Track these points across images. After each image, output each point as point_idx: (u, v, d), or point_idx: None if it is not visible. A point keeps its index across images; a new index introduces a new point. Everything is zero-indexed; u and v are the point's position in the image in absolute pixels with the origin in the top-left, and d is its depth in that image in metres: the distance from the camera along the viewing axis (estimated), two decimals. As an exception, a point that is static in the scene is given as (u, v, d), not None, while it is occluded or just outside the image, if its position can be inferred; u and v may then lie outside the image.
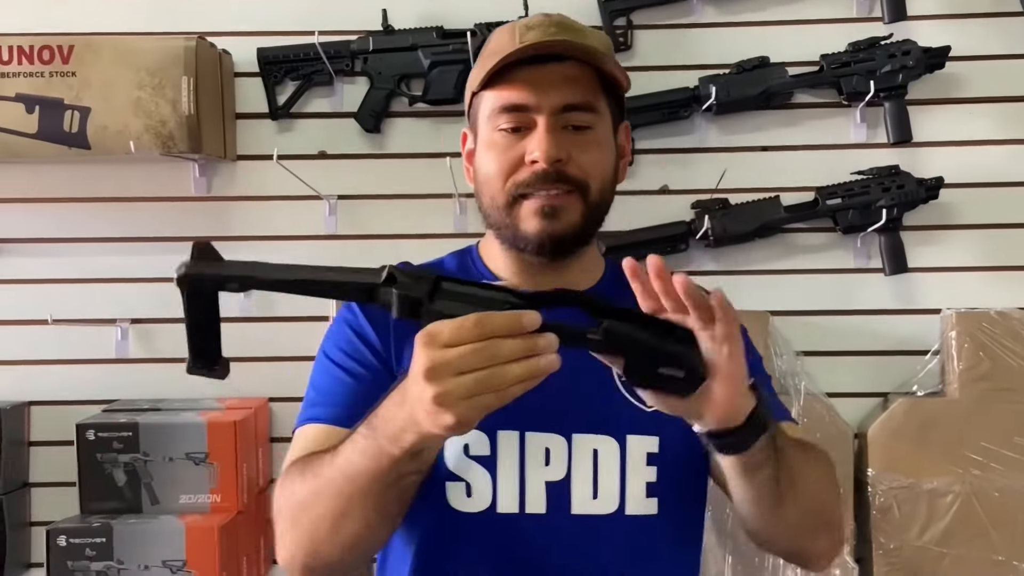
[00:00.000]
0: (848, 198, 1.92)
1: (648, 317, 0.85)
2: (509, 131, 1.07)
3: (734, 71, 1.94)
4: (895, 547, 1.83)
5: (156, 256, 2.01)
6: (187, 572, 1.69)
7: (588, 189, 1.06)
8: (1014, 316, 1.86)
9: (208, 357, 0.87)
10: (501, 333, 0.78)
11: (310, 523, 0.95)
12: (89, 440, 1.77)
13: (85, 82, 1.79)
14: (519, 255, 1.10)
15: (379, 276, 0.83)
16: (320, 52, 1.95)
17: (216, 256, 0.84)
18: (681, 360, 0.84)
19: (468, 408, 0.79)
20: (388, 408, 0.87)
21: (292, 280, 0.85)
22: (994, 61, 1.95)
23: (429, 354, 0.79)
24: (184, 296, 0.84)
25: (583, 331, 0.83)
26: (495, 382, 0.78)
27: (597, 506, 1.04)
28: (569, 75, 1.06)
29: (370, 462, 0.89)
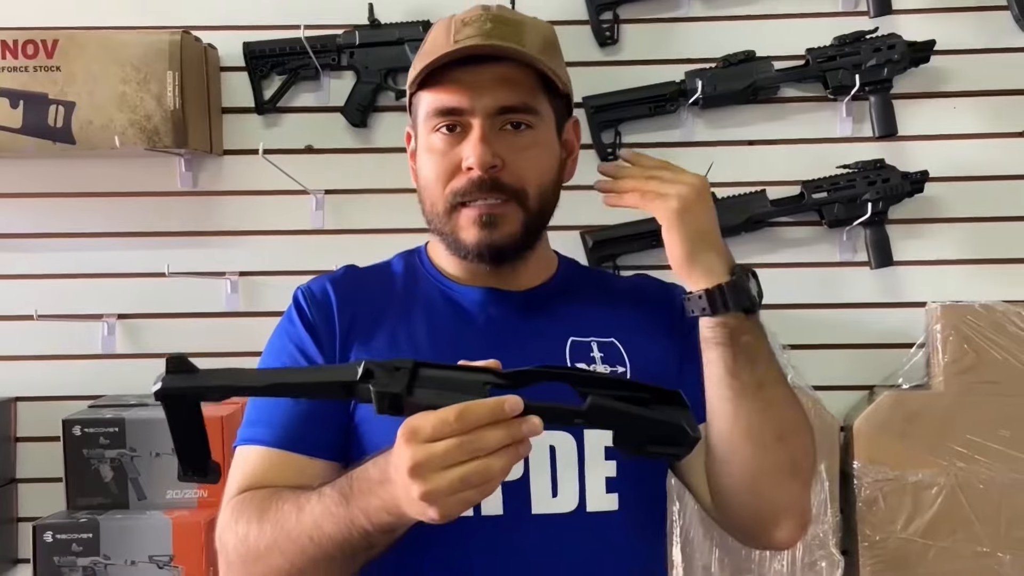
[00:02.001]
0: (834, 192, 1.93)
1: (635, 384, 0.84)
2: (445, 132, 1.05)
3: (720, 65, 1.94)
4: (880, 539, 1.84)
5: (142, 251, 2.01)
6: (174, 567, 1.68)
7: (525, 196, 1.05)
8: (998, 309, 1.87)
9: (198, 462, 0.88)
10: (484, 423, 0.78)
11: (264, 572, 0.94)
12: (75, 436, 1.77)
13: (70, 77, 1.78)
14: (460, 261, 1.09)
15: (355, 372, 0.83)
16: (306, 46, 1.94)
17: (190, 367, 0.85)
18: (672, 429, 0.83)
19: (453, 503, 0.79)
20: (365, 482, 0.87)
21: (270, 385, 0.86)
22: (979, 55, 1.96)
23: (414, 451, 0.79)
24: (164, 408, 0.86)
25: (568, 411, 0.82)
26: (478, 478, 0.78)
27: (557, 504, 1.03)
28: (505, 76, 1.04)
29: (340, 532, 0.88)
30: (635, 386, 0.84)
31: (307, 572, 0.93)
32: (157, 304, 2.01)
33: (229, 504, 1.01)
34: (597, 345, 1.09)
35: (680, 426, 0.83)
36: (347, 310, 1.09)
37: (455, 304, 1.10)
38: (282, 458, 1.01)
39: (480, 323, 1.09)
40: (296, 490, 0.95)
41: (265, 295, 2.00)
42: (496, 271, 1.09)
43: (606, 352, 1.09)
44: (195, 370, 0.86)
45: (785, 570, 1.84)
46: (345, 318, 1.08)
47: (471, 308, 1.10)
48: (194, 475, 0.88)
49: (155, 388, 0.85)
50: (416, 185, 1.12)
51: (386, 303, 1.11)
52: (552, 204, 1.10)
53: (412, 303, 1.11)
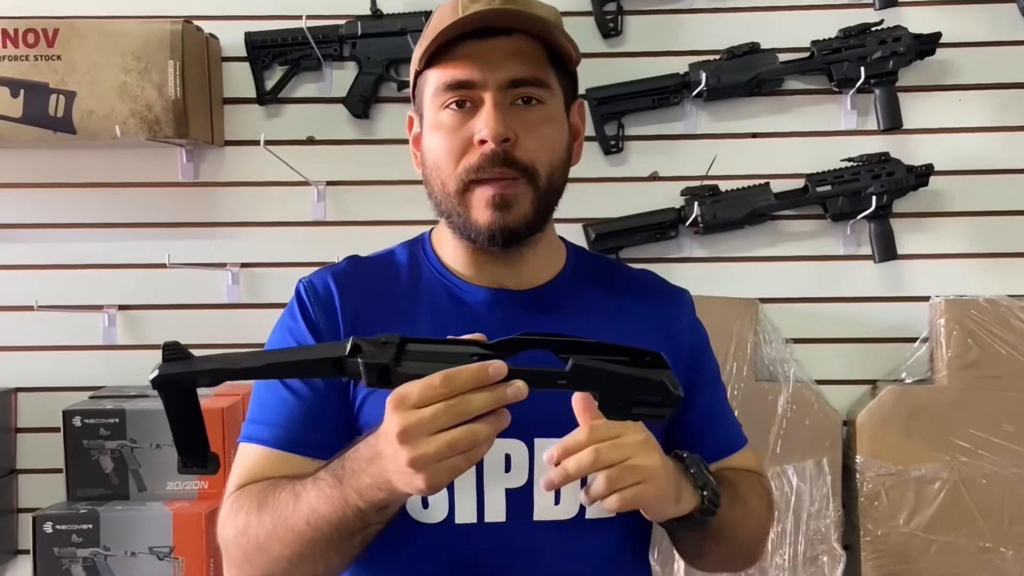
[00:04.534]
0: (838, 185, 1.92)
1: (617, 347, 0.85)
2: (455, 108, 1.02)
3: (724, 57, 1.93)
4: (883, 534, 1.84)
5: (144, 242, 2.00)
6: (174, 559, 1.68)
7: (536, 175, 1.03)
8: (1003, 303, 1.86)
9: (197, 453, 0.89)
10: (469, 387, 0.79)
11: (266, 563, 0.95)
12: (76, 427, 1.76)
13: (70, 66, 1.78)
14: (470, 244, 1.07)
15: (344, 348, 0.84)
16: (308, 37, 1.93)
17: (185, 353, 0.86)
18: (655, 387, 0.84)
19: (441, 471, 0.80)
20: (356, 461, 0.87)
21: (262, 366, 0.87)
22: (984, 48, 1.95)
23: (401, 417, 0.79)
24: (162, 397, 0.86)
25: (552, 373, 0.83)
26: (465, 443, 0.79)
27: (558, 512, 1.02)
28: (516, 49, 1.02)
29: (336, 513, 0.89)
30: (617, 349, 0.85)
31: (306, 558, 0.92)
32: (158, 295, 2.01)
33: (228, 499, 1.01)
34: None
35: (662, 383, 0.84)
36: (350, 309, 1.07)
37: (461, 304, 1.08)
38: (282, 458, 1.01)
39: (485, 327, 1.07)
40: (293, 479, 0.95)
41: (266, 287, 2.00)
42: (503, 258, 1.07)
43: None
44: (190, 356, 0.86)
45: (787, 564, 1.84)
46: (348, 318, 1.06)
47: (478, 309, 1.08)
48: (193, 466, 0.89)
49: (152, 376, 0.85)
50: (421, 169, 1.09)
51: (390, 301, 1.09)
52: (561, 184, 1.08)
53: (417, 302, 1.09)
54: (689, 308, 1.17)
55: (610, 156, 1.99)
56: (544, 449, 1.01)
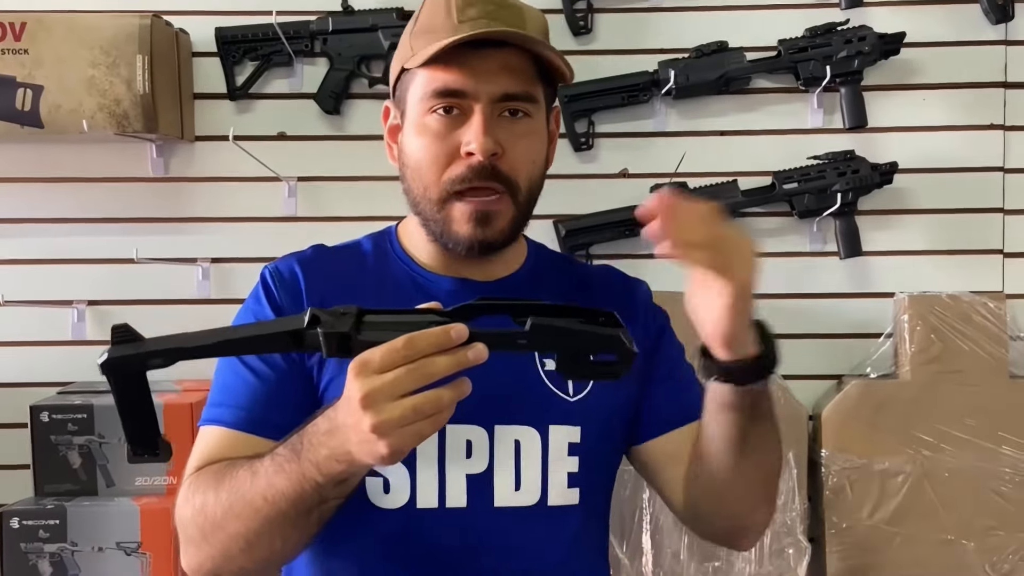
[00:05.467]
0: (804, 183, 1.94)
1: (571, 308, 0.86)
2: (443, 114, 1.03)
3: (693, 55, 1.95)
4: (847, 526, 1.86)
5: (113, 237, 2.00)
6: (141, 554, 1.68)
7: (518, 190, 1.04)
8: (965, 299, 1.89)
9: (147, 442, 0.87)
10: (431, 350, 0.79)
11: (224, 540, 0.94)
12: (43, 422, 1.75)
13: (37, 60, 1.77)
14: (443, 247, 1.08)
15: (302, 321, 0.83)
16: (279, 32, 1.93)
17: (135, 336, 0.84)
18: (611, 342, 0.84)
19: (403, 436, 0.79)
20: (315, 435, 0.86)
21: (217, 343, 0.85)
22: (948, 48, 1.98)
23: (364, 382, 0.79)
24: (111, 382, 0.84)
25: (511, 334, 0.83)
26: (429, 407, 0.79)
27: (519, 498, 1.03)
28: (509, 63, 1.02)
29: (293, 487, 0.88)
30: (571, 310, 0.86)
31: (263, 535, 0.92)
32: (128, 290, 2.00)
33: (186, 480, 1.01)
34: None
35: (618, 337, 0.84)
36: (315, 293, 1.07)
37: (426, 293, 1.09)
38: (242, 440, 1.01)
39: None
40: (252, 457, 0.95)
41: (237, 282, 1.99)
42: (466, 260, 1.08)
43: None
44: (140, 338, 0.84)
45: (753, 556, 1.85)
46: (314, 302, 1.06)
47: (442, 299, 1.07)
48: (144, 454, 0.87)
49: (100, 360, 0.83)
50: (396, 164, 1.10)
51: (356, 288, 1.09)
52: (537, 195, 1.09)
53: (383, 290, 1.10)
54: (646, 297, 1.19)
55: (580, 153, 2.00)
56: (504, 436, 1.03)
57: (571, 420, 1.05)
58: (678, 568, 1.84)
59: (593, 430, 1.06)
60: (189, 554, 0.98)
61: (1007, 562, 1.85)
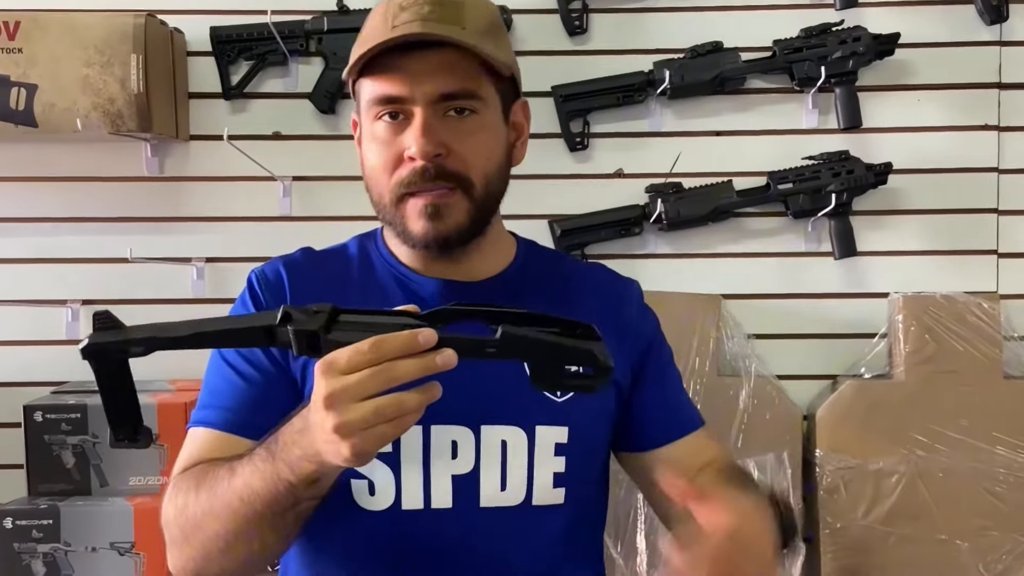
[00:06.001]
0: (799, 183, 1.95)
1: (548, 317, 0.84)
2: (388, 120, 1.03)
3: (688, 56, 1.95)
4: (842, 526, 1.86)
5: (108, 236, 1.99)
6: (135, 554, 1.68)
7: (470, 184, 1.03)
8: (959, 300, 1.90)
9: (129, 427, 0.88)
10: (398, 354, 0.78)
11: (203, 541, 0.94)
12: (37, 422, 1.75)
13: (32, 59, 1.76)
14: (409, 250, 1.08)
15: (275, 317, 0.83)
16: (274, 32, 1.93)
17: (118, 324, 0.85)
18: (584, 355, 0.83)
19: (366, 439, 0.78)
20: (289, 434, 0.86)
21: (193, 335, 0.85)
22: (943, 48, 1.98)
23: (328, 382, 0.78)
24: (93, 368, 0.85)
25: (481, 341, 0.82)
26: (392, 411, 0.78)
27: (505, 498, 1.03)
28: (446, 62, 1.01)
29: (267, 488, 0.88)
30: (548, 320, 0.84)
31: (241, 536, 0.91)
32: (123, 290, 2.00)
33: (172, 481, 1.01)
34: None
35: (591, 352, 0.82)
36: (302, 295, 1.07)
37: (411, 295, 1.09)
38: (229, 441, 1.01)
39: None
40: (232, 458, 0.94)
41: (231, 282, 1.99)
42: (446, 259, 1.08)
43: None
44: (122, 326, 0.85)
45: (747, 557, 1.85)
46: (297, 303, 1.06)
47: (428, 300, 1.08)
48: (125, 439, 0.88)
49: (82, 345, 0.84)
50: (363, 173, 1.10)
51: (342, 291, 1.09)
52: (500, 189, 1.08)
53: (368, 293, 1.10)
54: (637, 297, 1.19)
55: (575, 153, 2.00)
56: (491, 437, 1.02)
57: (558, 420, 1.05)
58: (672, 568, 1.83)
59: (581, 430, 1.06)
60: (173, 555, 0.98)
61: (1001, 562, 1.85)
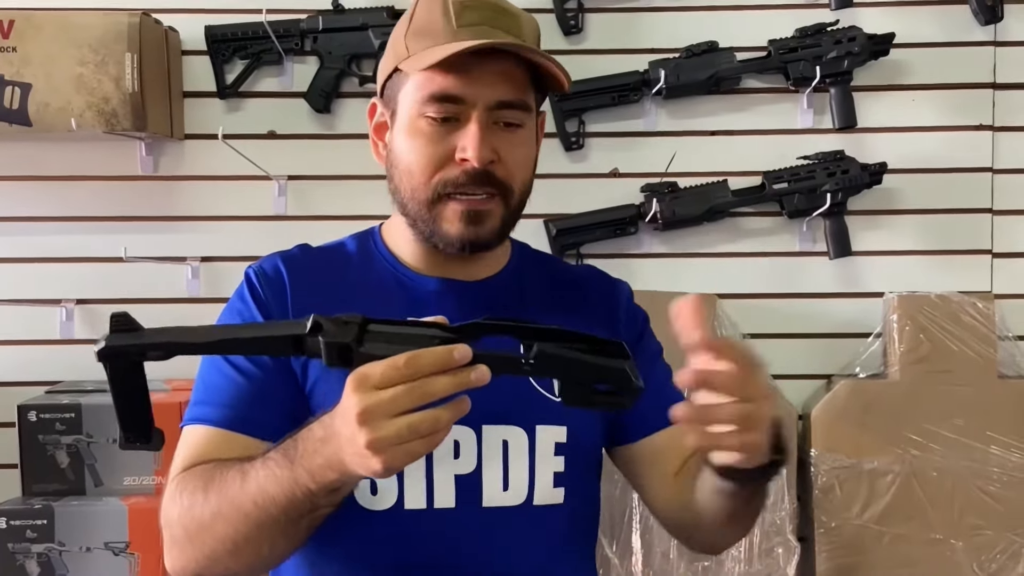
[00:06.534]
0: (794, 182, 1.95)
1: (578, 335, 0.84)
2: (437, 118, 1.02)
3: (683, 55, 1.95)
4: (836, 526, 1.86)
5: (103, 235, 1.99)
6: (130, 554, 1.67)
7: (511, 193, 1.05)
8: (954, 299, 1.90)
9: (141, 430, 0.86)
10: (433, 370, 0.77)
11: (210, 543, 0.93)
12: (31, 421, 1.75)
13: (26, 58, 1.76)
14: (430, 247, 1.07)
15: (304, 326, 0.81)
16: (269, 31, 1.93)
17: (135, 325, 0.82)
18: (615, 375, 0.83)
19: (398, 455, 0.78)
20: (310, 441, 0.85)
21: (217, 341, 0.84)
22: (937, 49, 1.98)
23: (362, 398, 0.78)
24: (107, 370, 0.83)
25: (516, 359, 0.82)
26: (426, 427, 0.78)
27: (507, 498, 1.03)
28: (506, 71, 1.02)
29: (285, 493, 0.87)
30: (579, 337, 0.84)
31: (251, 540, 0.91)
32: (117, 289, 1.99)
33: (173, 481, 1.00)
34: None
35: (623, 371, 0.82)
36: (301, 292, 1.07)
37: (410, 293, 1.09)
38: (228, 439, 1.00)
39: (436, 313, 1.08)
40: (242, 459, 0.93)
41: (226, 281, 1.99)
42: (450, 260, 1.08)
43: None
44: (140, 328, 0.83)
45: (743, 556, 1.86)
46: (299, 301, 1.06)
47: (426, 299, 1.09)
48: (136, 442, 0.86)
49: (98, 348, 0.82)
50: (383, 162, 1.09)
51: (340, 288, 1.09)
52: (526, 200, 1.10)
53: (368, 289, 1.09)
54: (627, 296, 1.20)
55: (571, 152, 2.00)
56: (492, 436, 1.03)
57: (558, 420, 1.05)
58: (667, 568, 1.84)
59: (579, 430, 1.06)
60: (173, 555, 0.97)
61: (995, 561, 1.86)
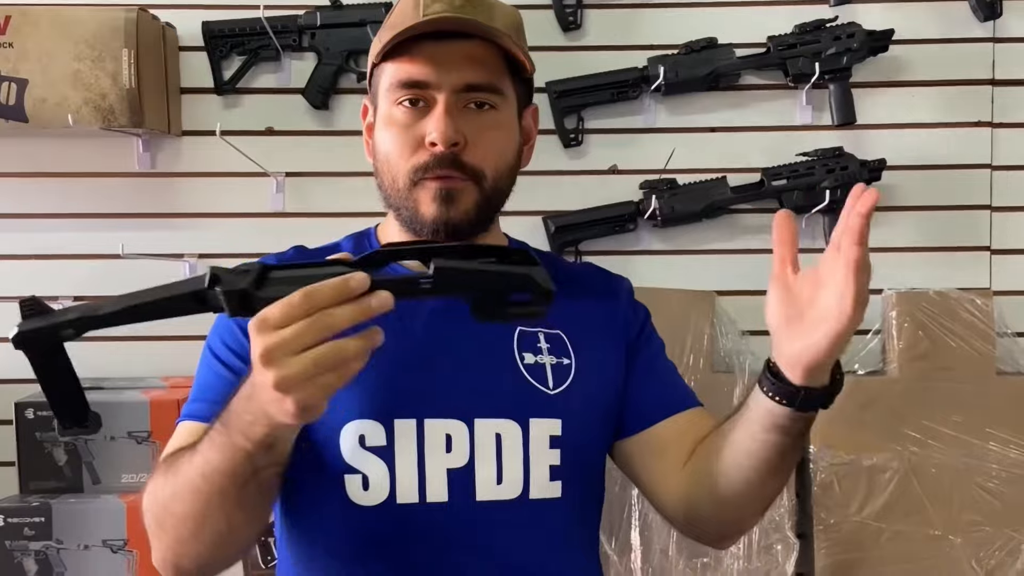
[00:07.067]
0: (793, 179, 1.94)
1: (482, 247, 0.82)
2: (408, 105, 1.04)
3: (683, 51, 1.95)
4: (835, 522, 1.86)
5: (99, 233, 1.98)
6: (128, 551, 1.67)
7: (483, 178, 1.05)
8: (952, 296, 1.90)
9: (75, 414, 0.85)
10: (331, 302, 0.75)
11: (174, 525, 0.92)
12: (28, 419, 1.74)
13: (22, 53, 1.75)
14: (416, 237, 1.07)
15: (203, 281, 0.80)
16: (267, 27, 1.92)
17: (44, 308, 0.82)
18: (522, 280, 0.80)
19: (310, 391, 0.76)
20: (238, 402, 0.84)
21: (122, 309, 0.82)
22: (937, 45, 1.98)
23: (263, 339, 0.76)
24: (28, 358, 0.82)
25: (414, 278, 0.79)
26: (332, 358, 0.76)
27: (501, 491, 1.02)
28: (473, 54, 1.03)
29: (224, 458, 0.86)
30: (482, 249, 0.82)
31: (208, 516, 0.90)
32: (114, 287, 1.93)
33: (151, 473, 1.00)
34: (544, 336, 1.08)
35: (529, 276, 0.80)
36: None
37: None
38: None
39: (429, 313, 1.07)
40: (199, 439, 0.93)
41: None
42: None
43: (553, 343, 1.08)
44: (49, 311, 0.82)
45: (741, 553, 1.86)
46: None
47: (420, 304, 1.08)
48: (73, 426, 0.86)
49: (12, 334, 0.81)
50: (372, 159, 1.10)
51: None
52: (507, 188, 1.09)
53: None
54: (627, 293, 1.19)
55: (569, 149, 2.00)
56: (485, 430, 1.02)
57: (552, 413, 1.04)
58: (667, 564, 1.84)
59: (575, 423, 1.05)
60: (153, 547, 0.97)
61: (993, 558, 1.86)
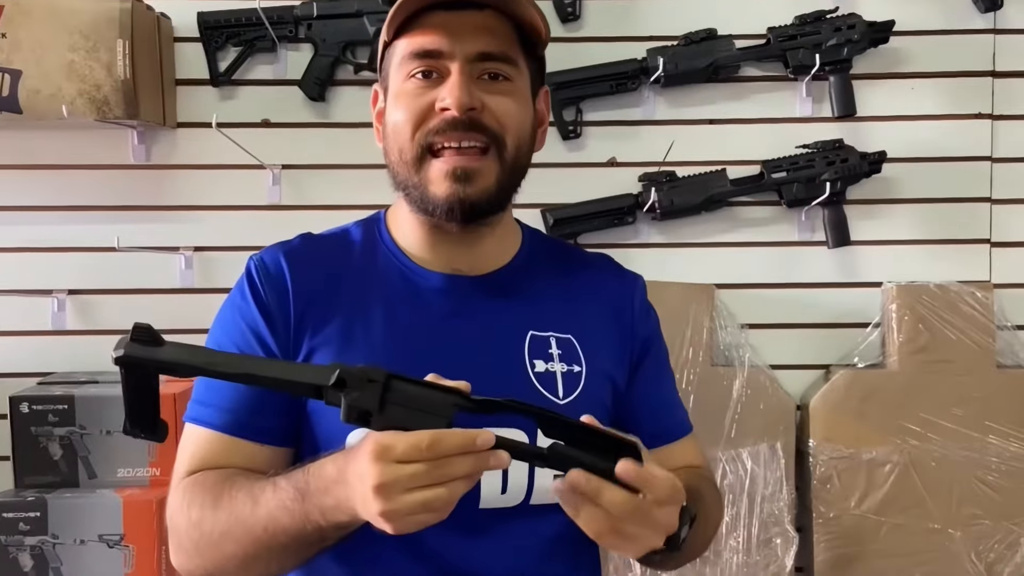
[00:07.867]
0: (793, 171, 1.93)
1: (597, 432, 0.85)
2: (421, 78, 1.01)
3: (682, 43, 1.93)
4: (835, 516, 1.86)
5: (94, 225, 1.96)
6: (124, 546, 1.66)
7: (504, 144, 1.01)
8: (952, 289, 1.90)
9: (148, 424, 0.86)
10: (456, 453, 0.79)
11: (220, 559, 0.94)
12: (23, 413, 1.73)
13: (16, 44, 1.73)
14: (428, 221, 1.05)
15: (328, 377, 0.82)
16: (263, 17, 1.90)
17: (157, 338, 0.83)
18: None
19: (409, 525, 0.80)
20: (322, 479, 0.86)
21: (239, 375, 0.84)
22: (937, 36, 1.97)
23: (382, 470, 0.79)
24: (122, 375, 0.84)
25: (532, 451, 0.84)
26: (440, 504, 0.79)
27: (505, 500, 1.02)
28: (486, 24, 1.01)
29: (296, 526, 0.88)
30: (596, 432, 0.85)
31: (260, 559, 0.92)
32: (110, 279, 1.97)
33: (180, 486, 0.99)
34: (555, 341, 1.07)
35: None
36: (302, 290, 1.04)
37: (414, 289, 1.07)
38: (231, 444, 1.00)
39: (438, 315, 1.05)
40: (249, 476, 0.95)
41: (220, 271, 1.97)
42: (462, 237, 1.05)
43: (564, 349, 1.07)
44: (161, 342, 0.83)
45: (741, 546, 1.86)
46: (300, 300, 1.04)
47: (430, 297, 1.06)
48: (141, 433, 0.86)
49: (116, 354, 0.82)
50: (382, 142, 1.07)
51: (343, 282, 1.07)
52: (527, 163, 1.06)
53: (369, 285, 1.07)
54: (641, 293, 1.18)
55: (568, 141, 1.98)
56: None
57: None
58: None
59: None
60: (180, 559, 0.98)
61: (992, 551, 1.86)
